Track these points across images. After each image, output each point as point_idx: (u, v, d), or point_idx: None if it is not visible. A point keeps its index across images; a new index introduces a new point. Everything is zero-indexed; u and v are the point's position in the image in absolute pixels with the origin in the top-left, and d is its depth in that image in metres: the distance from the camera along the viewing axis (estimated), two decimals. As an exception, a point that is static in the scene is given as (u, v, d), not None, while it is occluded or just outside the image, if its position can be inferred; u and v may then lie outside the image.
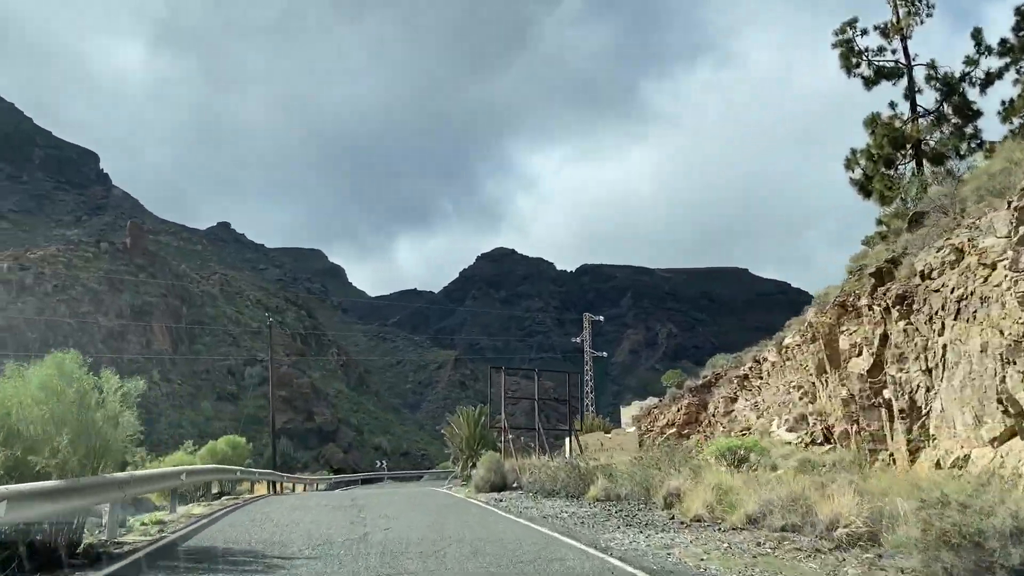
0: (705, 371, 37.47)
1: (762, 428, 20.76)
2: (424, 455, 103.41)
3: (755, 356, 25.87)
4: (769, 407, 21.67)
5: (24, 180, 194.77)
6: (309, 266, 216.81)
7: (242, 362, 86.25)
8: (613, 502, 14.96)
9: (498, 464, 23.49)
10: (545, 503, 16.32)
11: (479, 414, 34.70)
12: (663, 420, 33.47)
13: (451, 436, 36.53)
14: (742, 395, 25.51)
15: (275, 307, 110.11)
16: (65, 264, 79.05)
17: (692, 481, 12.56)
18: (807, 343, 18.31)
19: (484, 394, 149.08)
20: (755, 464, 14.26)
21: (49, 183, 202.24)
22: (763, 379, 23.80)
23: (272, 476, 39.29)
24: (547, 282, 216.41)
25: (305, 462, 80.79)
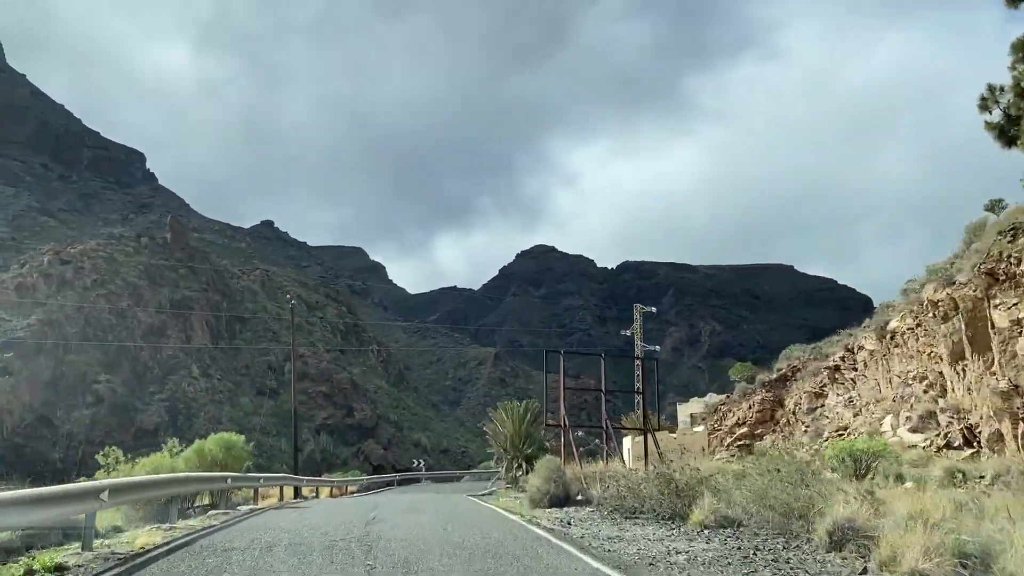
0: (779, 364, 34.29)
1: (868, 428, 17.68)
2: (464, 452, 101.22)
3: (846, 344, 22.77)
4: (868, 403, 18.73)
5: (74, 180, 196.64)
6: (350, 263, 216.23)
7: (282, 357, 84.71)
8: (728, 530, 11.49)
9: (558, 472, 19.71)
10: (633, 530, 12.55)
11: (525, 410, 32.19)
12: (732, 419, 30.56)
13: (494, 434, 34.02)
14: (832, 389, 22.45)
15: (315, 303, 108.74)
16: (105, 259, 78.10)
17: (868, 506, 8.86)
18: (929, 324, 15.26)
19: (525, 391, 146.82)
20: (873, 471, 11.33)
21: (97, 183, 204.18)
22: (858, 370, 20.76)
23: (286, 480, 35.82)
24: (587, 279, 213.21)
25: (344, 458, 78.96)
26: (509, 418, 32.49)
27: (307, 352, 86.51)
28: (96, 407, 68.65)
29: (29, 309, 70.15)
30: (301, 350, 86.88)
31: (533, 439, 31.69)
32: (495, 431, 33.65)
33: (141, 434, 70.21)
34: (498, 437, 33.46)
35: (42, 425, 66.33)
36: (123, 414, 69.49)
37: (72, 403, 68.55)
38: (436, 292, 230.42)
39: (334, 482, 44.90)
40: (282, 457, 74.88)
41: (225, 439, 28.56)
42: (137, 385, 72.15)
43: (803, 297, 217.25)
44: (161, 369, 74.67)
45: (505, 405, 33.61)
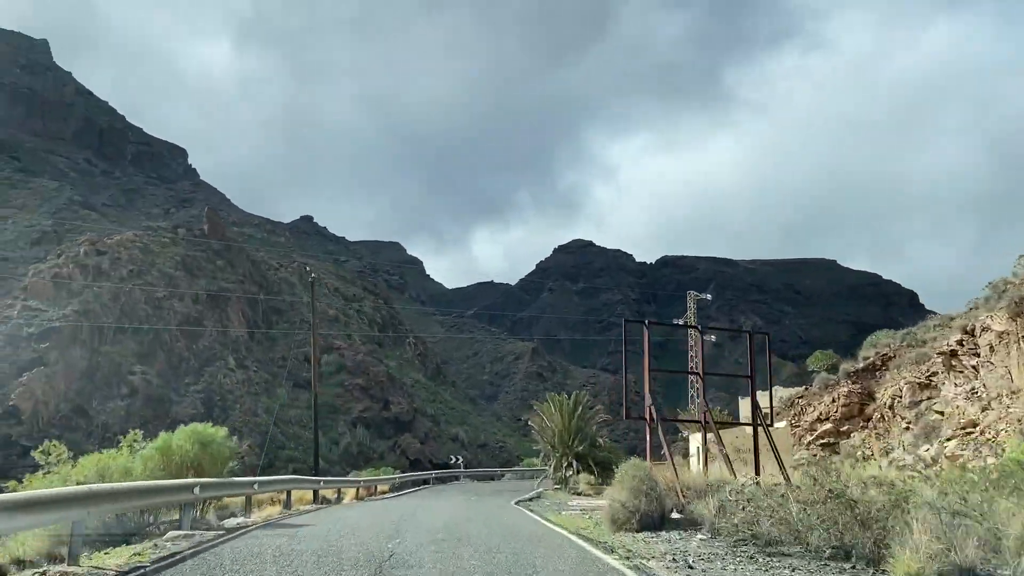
0: (864, 352, 30.88)
1: (1010, 425, 14.59)
2: (502, 447, 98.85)
3: (964, 327, 19.63)
4: (1000, 395, 15.75)
5: (117, 176, 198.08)
6: (388, 258, 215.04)
7: (319, 350, 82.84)
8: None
9: (649, 482, 15.08)
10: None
11: (574, 403, 29.77)
12: (812, 413, 27.41)
13: (540, 429, 31.66)
14: (949, 379, 19.33)
15: (353, 295, 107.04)
16: (142, 249, 76.89)
17: None
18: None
19: (563, 386, 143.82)
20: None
21: (140, 178, 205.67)
22: (981, 356, 17.73)
23: (291, 483, 26.86)
24: (626, 274, 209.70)
25: (381, 452, 76.94)
26: (557, 411, 30.03)
27: (343, 344, 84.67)
28: (131, 398, 67.34)
29: (65, 299, 69.07)
30: (337, 342, 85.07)
31: (584, 435, 29.18)
32: (541, 426, 31.24)
33: (176, 426, 68.70)
34: (544, 432, 31.07)
35: (77, 416, 65.12)
36: (158, 405, 68.08)
37: (107, 394, 67.32)
38: (473, 287, 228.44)
39: (359, 482, 38.00)
40: (319, 451, 72.94)
41: (199, 432, 21.74)
42: (172, 376, 70.76)
43: (846, 292, 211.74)
44: (197, 360, 73.23)
45: (552, 398, 31.10)
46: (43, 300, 68.74)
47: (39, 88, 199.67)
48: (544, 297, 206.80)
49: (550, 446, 30.90)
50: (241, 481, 22.12)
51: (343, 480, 38.29)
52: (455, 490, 39.07)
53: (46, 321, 66.81)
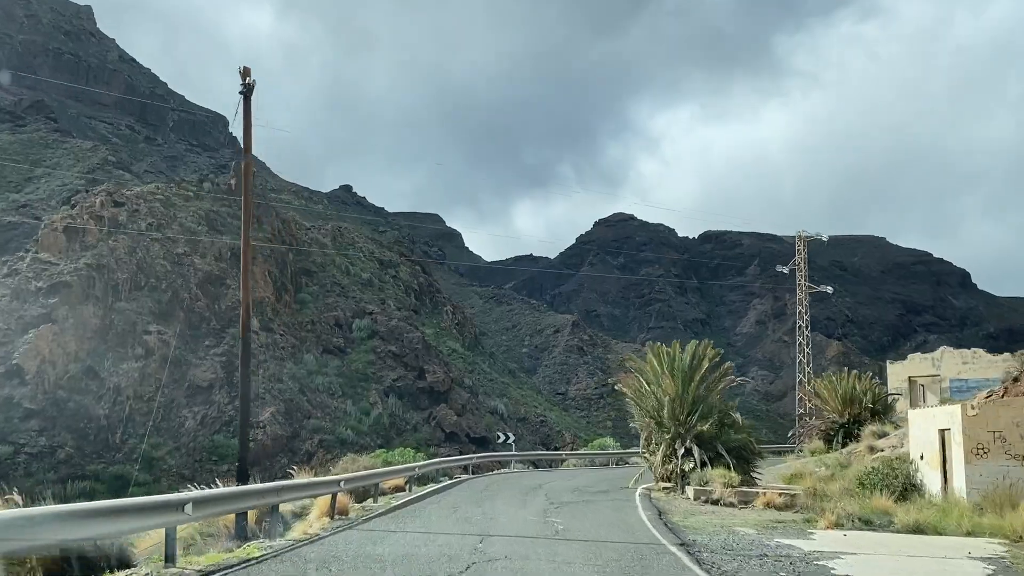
0: None
1: None
2: (543, 421, 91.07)
3: None
4: None
5: (159, 143, 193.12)
6: (427, 230, 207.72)
7: (350, 314, 75.61)
8: None
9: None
10: None
11: (694, 357, 21.45)
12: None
13: (636, 397, 23.71)
14: None
15: (389, 261, 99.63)
16: (163, 202, 69.95)
17: None
18: None
19: (603, 360, 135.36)
20: None
21: (182, 145, 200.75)
22: None
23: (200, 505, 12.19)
24: (668, 248, 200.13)
25: (415, 424, 69.60)
26: (666, 369, 21.91)
27: (376, 309, 77.22)
28: (146, 360, 60.59)
29: (77, 253, 62.35)
30: (370, 307, 77.72)
31: (709, 407, 21.13)
32: (638, 392, 23.27)
33: (194, 390, 62.00)
34: (643, 401, 23.15)
35: (87, 377, 58.51)
36: (175, 368, 61.26)
37: (121, 354, 60.61)
38: (512, 260, 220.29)
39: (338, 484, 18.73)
40: (347, 420, 65.86)
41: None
42: (191, 337, 63.86)
43: (895, 270, 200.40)
44: (219, 321, 66.24)
45: (657, 350, 22.89)
46: (54, 253, 62.10)
47: (82, 55, 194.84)
48: (584, 271, 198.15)
49: (653, 422, 22.55)
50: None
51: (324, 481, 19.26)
52: (511, 488, 26.60)
53: (56, 275, 60.16)
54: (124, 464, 55.85)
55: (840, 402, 36.06)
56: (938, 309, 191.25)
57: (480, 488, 27.18)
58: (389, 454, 35.91)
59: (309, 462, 47.69)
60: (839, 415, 35.83)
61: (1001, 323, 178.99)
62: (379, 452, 39.44)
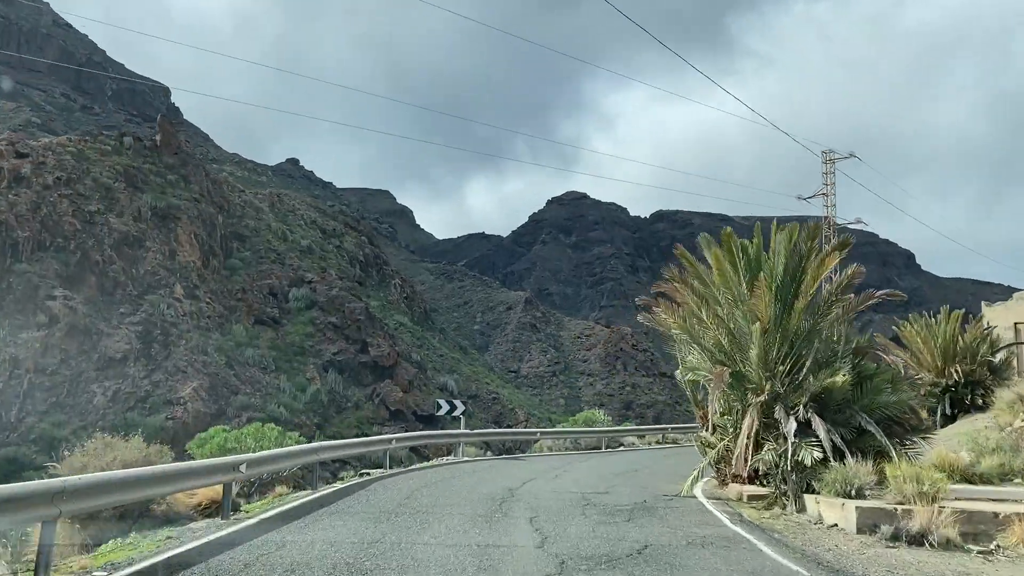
0: None
1: None
2: (495, 399, 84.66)
3: None
4: None
5: (96, 112, 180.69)
6: (376, 206, 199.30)
7: (287, 282, 67.96)
8: None
9: None
10: None
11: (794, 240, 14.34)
12: None
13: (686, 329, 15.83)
14: None
15: (332, 230, 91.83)
16: (74, 155, 61.29)
17: None
18: None
19: (556, 337, 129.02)
20: None
21: (121, 115, 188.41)
22: None
23: None
24: (620, 228, 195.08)
25: (357, 401, 62.51)
26: (744, 277, 14.95)
27: (316, 278, 69.68)
28: (49, 328, 52.32)
29: (-30, 207, 53.62)
30: (309, 275, 70.16)
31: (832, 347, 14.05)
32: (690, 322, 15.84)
33: (105, 363, 53.91)
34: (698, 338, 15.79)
35: (-23, 348, 50.11)
36: (84, 338, 53.17)
37: (20, 322, 52.24)
38: (464, 238, 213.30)
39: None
40: (280, 397, 58.47)
41: None
42: (103, 304, 55.69)
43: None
44: (136, 287, 58.09)
45: (728, 237, 15.65)
46: (-58, 207, 53.29)
47: (13, 17, 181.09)
48: (536, 249, 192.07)
49: (730, 375, 14.48)
50: None
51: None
52: (457, 501, 14.60)
53: (-58, 232, 51.52)
54: (19, 446, 47.89)
55: (940, 356, 27.00)
56: (884, 289, 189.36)
57: (397, 500, 14.57)
58: (210, 437, 21.41)
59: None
60: (937, 374, 26.91)
61: (945, 303, 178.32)
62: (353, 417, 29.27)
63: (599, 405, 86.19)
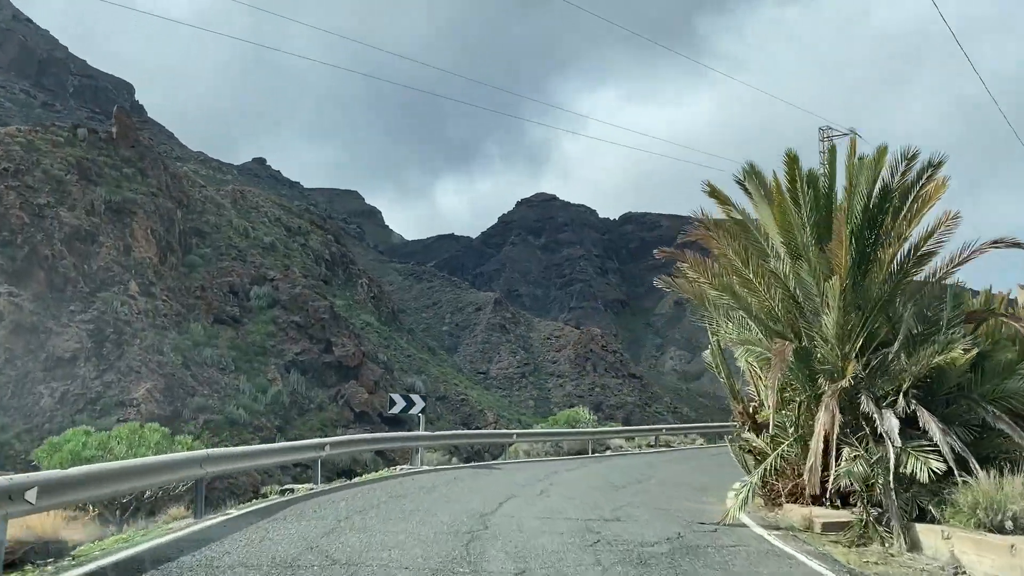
0: None
1: None
2: (464, 400, 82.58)
3: None
4: None
5: (58, 109, 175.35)
6: (345, 206, 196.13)
7: (248, 280, 65.32)
8: None
9: None
10: None
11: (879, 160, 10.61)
12: None
13: (723, 292, 12.80)
14: None
15: (298, 228, 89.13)
16: (23, 146, 58.16)
17: None
18: None
19: (525, 339, 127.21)
20: None
21: (83, 112, 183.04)
22: None
23: None
24: (589, 229, 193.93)
25: (320, 402, 60.07)
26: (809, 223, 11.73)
27: (278, 275, 67.10)
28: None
29: (-92, 198, 50.45)
30: (272, 273, 67.57)
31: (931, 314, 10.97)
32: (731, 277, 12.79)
33: (54, 363, 50.93)
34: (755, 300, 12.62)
35: (-86, 347, 47.02)
36: (31, 336, 50.19)
37: (-39, 321, 49.19)
38: (433, 239, 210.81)
39: None
40: (240, 398, 55.82)
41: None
42: (52, 301, 52.70)
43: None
44: (87, 283, 55.13)
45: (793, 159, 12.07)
46: None
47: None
48: (506, 251, 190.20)
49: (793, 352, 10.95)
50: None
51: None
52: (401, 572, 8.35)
53: None
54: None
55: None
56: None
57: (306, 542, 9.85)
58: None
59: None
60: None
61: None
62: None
63: (569, 407, 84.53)
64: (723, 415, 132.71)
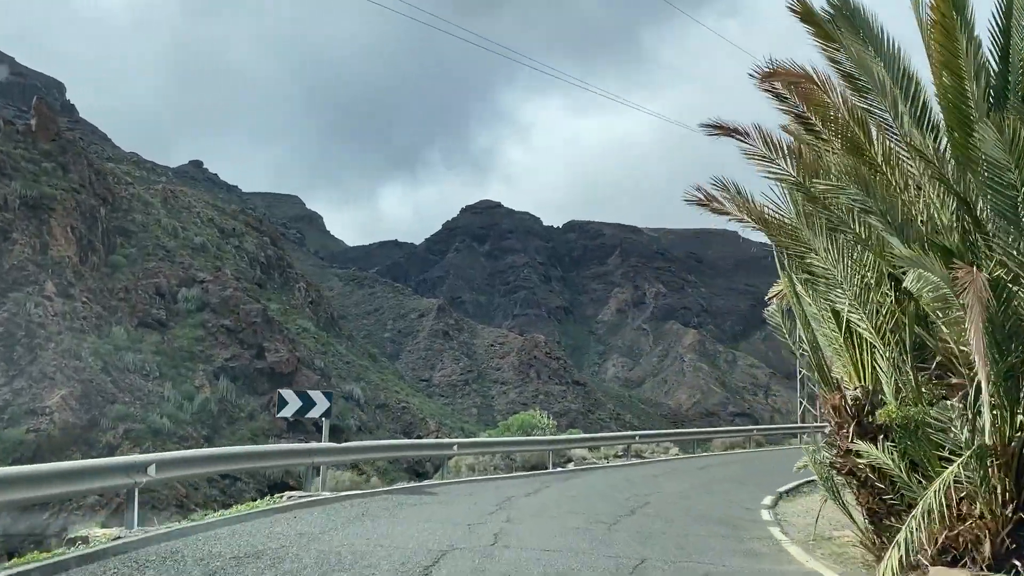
0: None
1: None
2: (405, 408, 79.81)
3: None
4: None
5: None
6: (285, 211, 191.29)
7: (176, 282, 61.70)
8: None
9: None
10: None
11: None
12: None
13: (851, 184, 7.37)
14: None
15: (232, 229, 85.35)
16: (-71, 136, 53.85)
17: None
18: None
19: (469, 345, 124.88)
20: None
21: (10, 111, 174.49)
22: None
23: None
24: (533, 237, 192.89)
25: (251, 411, 56.83)
26: None
27: (209, 277, 63.61)
28: None
29: None
30: (202, 275, 64.04)
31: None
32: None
33: (-44, 369, 46.85)
34: (886, 199, 7.47)
35: None
36: (-69, 341, 46.05)
37: None
38: (376, 245, 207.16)
39: None
40: (164, 407, 52.27)
41: None
42: (-43, 302, 48.59)
43: (746, 263, 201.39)
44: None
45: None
46: None
47: None
48: (450, 257, 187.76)
49: (976, 273, 6.13)
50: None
51: None
52: None
53: None
54: None
55: None
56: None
57: None
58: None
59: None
60: None
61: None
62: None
63: (512, 414, 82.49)
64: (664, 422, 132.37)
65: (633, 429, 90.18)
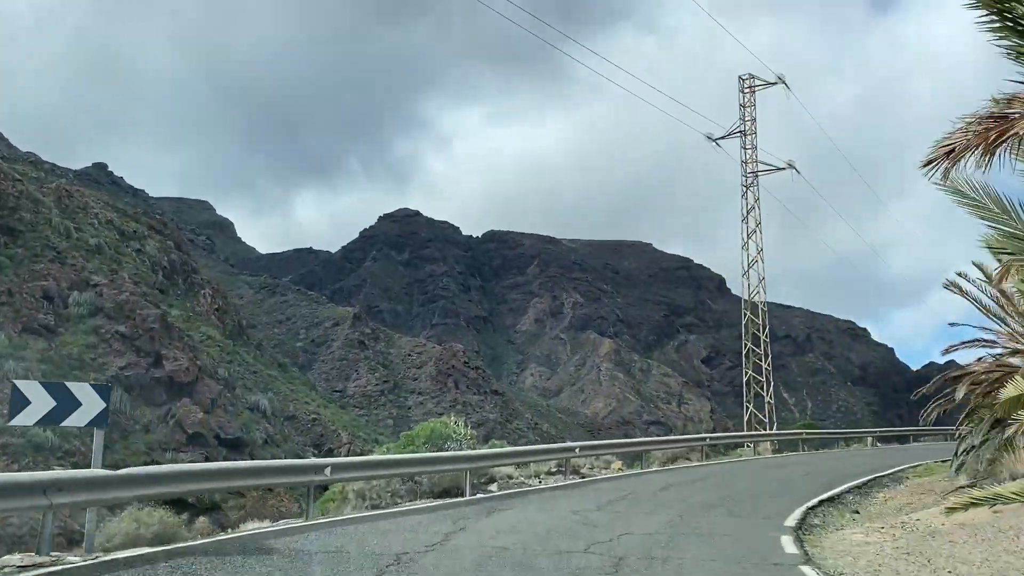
0: None
1: None
2: (315, 420, 76.70)
3: None
4: None
5: None
6: (194, 218, 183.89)
7: (67, 285, 57.40)
8: None
9: None
10: None
11: None
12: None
13: None
14: None
15: (132, 232, 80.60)
16: None
17: None
18: None
19: (386, 355, 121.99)
20: None
21: None
22: None
23: None
24: (452, 246, 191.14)
25: (147, 423, 53.08)
26: None
27: (104, 280, 59.47)
28: None
29: None
30: (96, 278, 59.84)
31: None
32: None
33: None
34: None
35: None
36: None
37: None
38: (290, 252, 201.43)
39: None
40: (48, 419, 47.99)
41: None
42: None
43: (661, 274, 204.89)
44: None
45: None
46: None
47: None
48: (367, 266, 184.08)
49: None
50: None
51: None
52: None
53: None
54: None
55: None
56: (698, 311, 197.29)
57: None
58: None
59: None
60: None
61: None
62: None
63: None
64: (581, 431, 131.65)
65: (551, 439, 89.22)
